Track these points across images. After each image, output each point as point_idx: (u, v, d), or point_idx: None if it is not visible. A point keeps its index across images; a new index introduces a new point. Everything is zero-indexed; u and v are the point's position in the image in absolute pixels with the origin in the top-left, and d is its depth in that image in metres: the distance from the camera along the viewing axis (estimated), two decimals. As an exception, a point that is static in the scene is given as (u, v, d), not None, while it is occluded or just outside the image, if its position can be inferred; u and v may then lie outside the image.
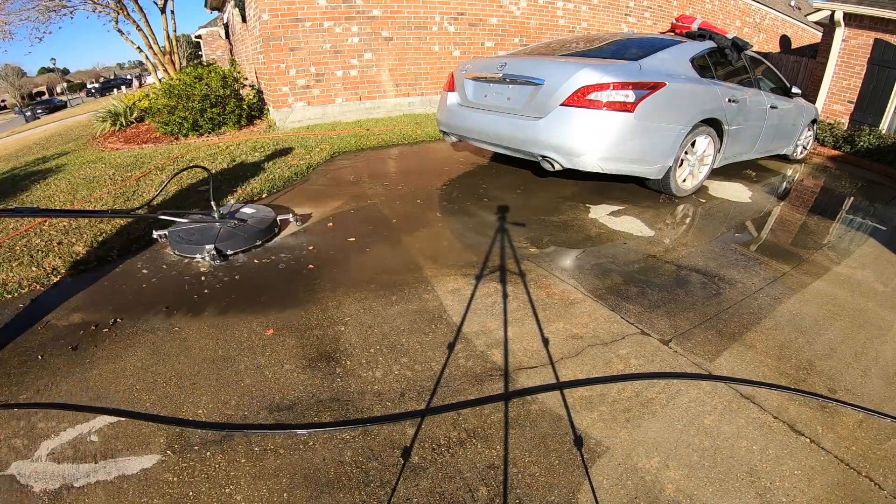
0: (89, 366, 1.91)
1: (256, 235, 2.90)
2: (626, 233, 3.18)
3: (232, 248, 2.79)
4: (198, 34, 20.89)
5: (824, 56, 8.31)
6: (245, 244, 2.84)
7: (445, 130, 4.32)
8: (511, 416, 1.65)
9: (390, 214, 3.44)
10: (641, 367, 1.90)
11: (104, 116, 8.39)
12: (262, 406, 1.70)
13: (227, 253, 2.77)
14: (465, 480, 1.42)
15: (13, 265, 2.75)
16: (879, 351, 2.08)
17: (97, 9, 10.26)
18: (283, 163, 4.71)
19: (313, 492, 1.38)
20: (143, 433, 1.58)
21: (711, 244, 3.08)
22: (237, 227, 2.87)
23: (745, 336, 2.13)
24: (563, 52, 4.03)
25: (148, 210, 3.29)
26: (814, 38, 13.76)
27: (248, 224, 2.93)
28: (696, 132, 3.67)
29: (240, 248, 2.82)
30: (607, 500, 1.37)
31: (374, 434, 1.58)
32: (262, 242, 2.93)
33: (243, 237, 2.83)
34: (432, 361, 1.92)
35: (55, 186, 4.63)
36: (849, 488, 1.42)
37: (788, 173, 5.29)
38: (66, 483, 1.41)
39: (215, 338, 2.07)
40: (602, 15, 9.44)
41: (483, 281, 2.52)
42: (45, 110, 30.89)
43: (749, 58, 4.41)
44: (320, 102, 6.97)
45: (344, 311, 2.26)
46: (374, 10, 6.90)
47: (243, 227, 2.88)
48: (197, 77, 6.81)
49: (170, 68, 10.26)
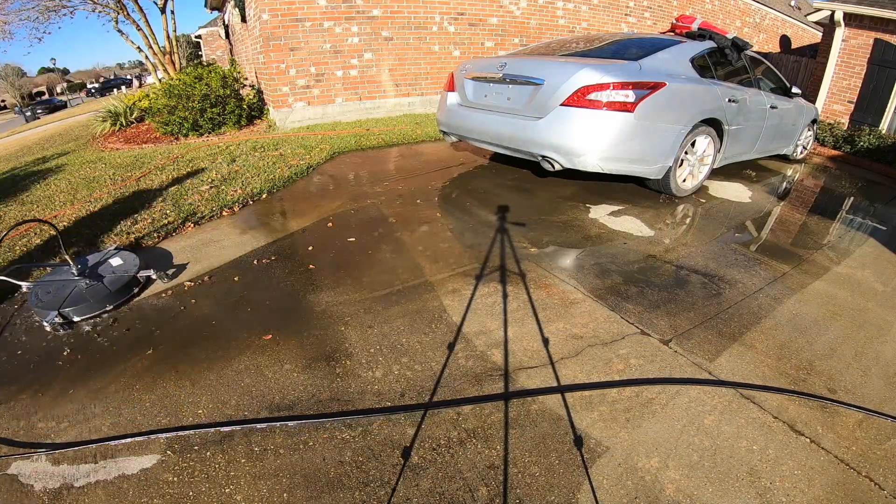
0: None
1: (106, 298, 2.31)
2: (626, 233, 3.18)
3: (80, 314, 2.23)
4: (198, 34, 20.89)
5: (824, 56, 8.31)
6: (93, 309, 2.27)
7: (445, 130, 4.32)
8: (511, 416, 1.65)
9: (389, 213, 3.44)
10: (641, 367, 1.90)
11: (104, 116, 8.39)
12: (261, 406, 1.70)
13: (73, 320, 2.22)
14: (465, 480, 1.42)
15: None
16: (879, 351, 2.08)
17: (97, 9, 10.25)
18: (283, 162, 4.71)
19: (313, 492, 1.38)
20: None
21: (711, 244, 3.08)
22: (91, 286, 2.33)
23: (745, 336, 2.13)
24: (563, 52, 4.03)
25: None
26: (814, 38, 13.76)
27: (103, 282, 2.37)
28: (696, 132, 3.66)
29: (88, 314, 2.25)
30: (607, 500, 1.37)
31: (374, 434, 1.58)
32: (115, 306, 2.33)
33: (92, 300, 2.27)
34: (432, 361, 1.92)
35: (55, 186, 4.63)
36: (849, 488, 1.42)
37: (788, 173, 5.29)
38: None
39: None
40: (602, 15, 9.44)
41: (483, 281, 2.52)
42: (45, 110, 30.89)
43: (749, 58, 4.41)
44: (320, 102, 6.96)
45: (344, 310, 2.26)
46: (374, 10, 6.90)
47: (95, 288, 2.33)
48: (197, 77, 6.81)
49: (170, 68, 10.26)
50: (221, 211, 3.54)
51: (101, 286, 2.34)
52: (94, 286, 2.34)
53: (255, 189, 3.93)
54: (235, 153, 5.21)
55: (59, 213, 3.66)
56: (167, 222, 3.32)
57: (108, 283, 2.37)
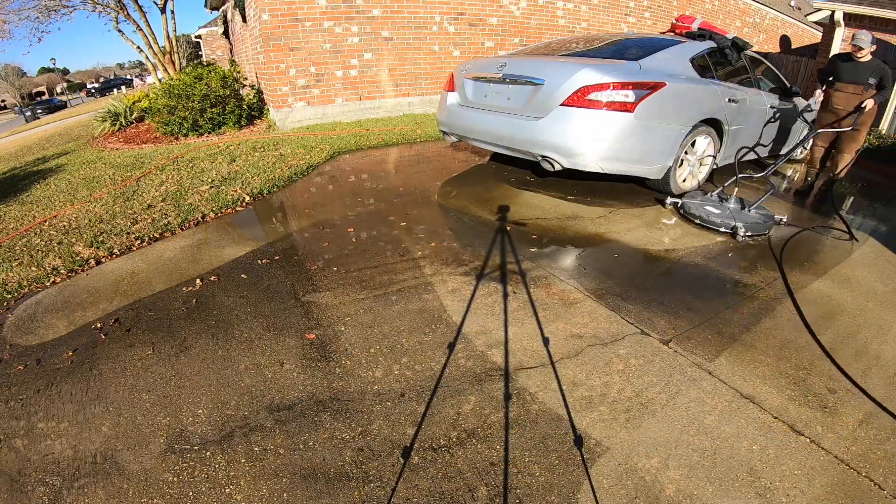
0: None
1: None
2: (626, 232, 3.18)
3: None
4: (198, 34, 20.86)
5: (824, 56, 8.30)
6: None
7: (445, 130, 4.32)
8: (511, 416, 1.65)
9: (389, 213, 3.44)
10: (641, 368, 1.90)
11: (104, 116, 8.39)
12: (261, 406, 1.70)
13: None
14: (465, 480, 1.42)
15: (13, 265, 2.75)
16: (879, 351, 2.08)
17: (97, 9, 10.25)
18: (283, 162, 4.71)
19: (313, 492, 1.38)
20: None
21: (711, 244, 3.08)
22: None
23: (745, 336, 2.13)
24: (563, 52, 4.03)
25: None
26: (814, 38, 13.75)
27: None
28: (696, 132, 3.66)
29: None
30: (607, 500, 1.37)
31: (374, 434, 1.57)
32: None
33: None
34: (432, 361, 1.92)
35: (55, 186, 4.63)
36: (849, 488, 1.42)
37: (788, 173, 5.28)
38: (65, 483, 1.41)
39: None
40: (602, 15, 9.43)
41: (483, 281, 2.52)
42: (45, 110, 30.89)
43: (749, 58, 4.41)
44: (320, 102, 6.96)
45: (344, 310, 2.26)
46: (374, 10, 6.90)
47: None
48: (197, 77, 6.81)
49: (170, 68, 10.26)
50: (221, 210, 3.54)
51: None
52: None
53: (255, 189, 3.93)
54: (235, 153, 5.21)
55: (59, 213, 3.66)
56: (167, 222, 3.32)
57: None
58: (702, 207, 3.42)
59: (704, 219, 3.33)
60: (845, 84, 3.98)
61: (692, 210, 3.42)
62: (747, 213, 3.36)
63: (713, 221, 3.28)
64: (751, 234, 3.19)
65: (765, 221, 3.28)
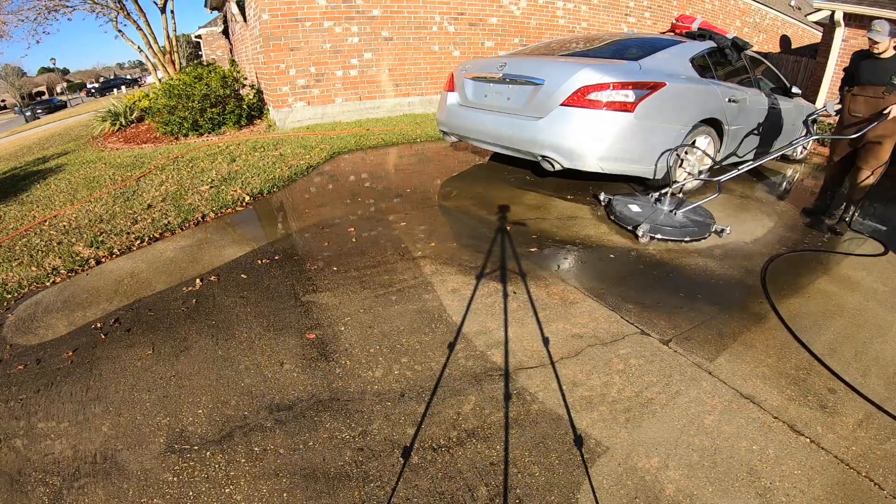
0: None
1: None
2: (626, 232, 3.17)
3: None
4: (198, 34, 20.86)
5: (824, 56, 8.31)
6: None
7: (445, 130, 4.32)
8: (511, 416, 1.65)
9: (389, 213, 3.44)
10: (641, 368, 1.90)
11: (104, 116, 8.39)
12: (262, 406, 1.70)
13: None
14: (465, 480, 1.42)
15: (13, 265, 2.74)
16: (879, 351, 2.08)
17: (97, 9, 10.25)
18: (283, 162, 4.71)
19: (313, 492, 1.38)
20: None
21: (711, 244, 3.08)
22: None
23: (745, 336, 2.13)
24: (563, 52, 4.03)
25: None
26: (814, 38, 13.75)
27: None
28: (695, 132, 3.66)
29: None
30: (607, 499, 1.37)
31: (374, 434, 1.57)
32: None
33: None
34: (432, 361, 1.91)
35: (55, 186, 4.63)
36: (849, 488, 1.42)
37: (788, 173, 5.28)
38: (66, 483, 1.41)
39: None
40: (602, 15, 9.43)
41: (483, 280, 2.52)
42: (45, 110, 30.89)
43: (749, 58, 4.41)
44: (320, 102, 6.96)
45: (344, 310, 2.26)
46: (374, 10, 6.89)
47: None
48: (197, 77, 6.80)
49: (170, 68, 10.26)
50: (221, 210, 3.54)
51: None
52: None
53: (254, 189, 3.93)
54: (235, 153, 5.21)
55: (59, 213, 3.66)
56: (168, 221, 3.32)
57: None
58: (625, 206, 3.31)
59: (618, 216, 3.23)
60: (863, 86, 3.26)
61: (615, 207, 3.32)
62: (671, 216, 3.16)
63: (624, 219, 3.18)
64: (660, 236, 3.01)
65: (697, 227, 3.07)
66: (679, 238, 3.03)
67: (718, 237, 3.11)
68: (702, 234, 3.07)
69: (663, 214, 3.20)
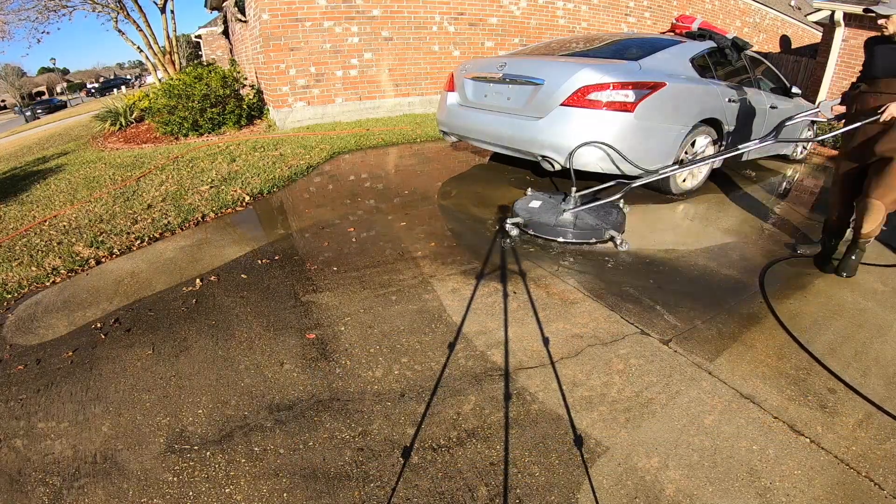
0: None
1: None
2: (626, 232, 3.17)
3: None
4: (198, 34, 20.86)
5: (824, 56, 8.31)
6: None
7: (445, 130, 4.32)
8: (511, 416, 1.65)
9: (389, 213, 3.44)
10: (641, 368, 1.90)
11: (104, 116, 8.39)
12: (261, 406, 1.70)
13: None
14: (465, 480, 1.42)
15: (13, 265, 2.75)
16: (879, 351, 2.08)
17: (97, 9, 10.25)
18: (283, 162, 4.71)
19: (313, 492, 1.38)
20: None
21: (710, 244, 3.08)
22: None
23: (745, 336, 2.13)
24: (563, 52, 4.03)
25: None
26: (814, 38, 13.75)
27: None
28: (696, 132, 3.66)
29: None
30: (607, 499, 1.37)
31: (374, 434, 1.57)
32: None
33: None
34: (432, 361, 1.92)
35: (55, 186, 4.63)
36: (849, 488, 1.42)
37: (788, 173, 5.28)
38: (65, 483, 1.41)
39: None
40: (602, 15, 9.43)
41: (483, 281, 2.52)
42: (45, 110, 30.90)
43: (749, 58, 4.41)
44: (320, 102, 6.96)
45: (344, 310, 2.26)
46: (374, 9, 6.90)
47: None
48: (197, 77, 6.81)
49: (170, 68, 10.26)
50: (221, 210, 3.54)
51: None
52: None
53: (254, 189, 3.93)
54: (235, 153, 5.21)
55: (59, 213, 3.66)
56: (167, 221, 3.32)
57: None
58: (525, 203, 3.31)
59: (514, 209, 3.24)
60: (875, 80, 2.44)
61: (516, 204, 3.32)
62: (559, 216, 3.05)
63: (516, 211, 3.18)
64: (533, 232, 3.03)
65: (590, 229, 2.97)
66: (553, 237, 3.00)
67: (615, 246, 2.95)
68: (586, 238, 2.97)
69: (556, 214, 3.11)
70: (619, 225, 3.08)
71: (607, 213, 3.19)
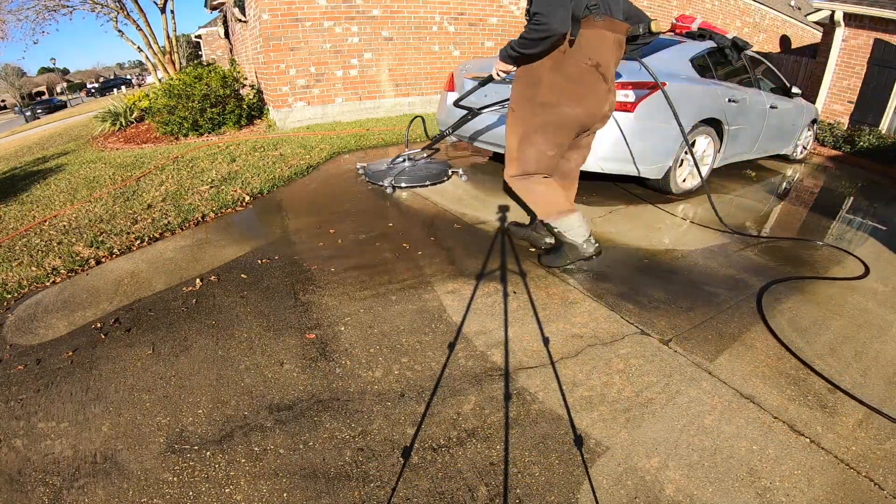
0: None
1: None
2: (626, 232, 3.18)
3: None
4: (198, 34, 20.88)
5: (824, 56, 8.31)
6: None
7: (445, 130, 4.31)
8: (511, 415, 1.65)
9: (389, 213, 3.44)
10: (641, 367, 1.90)
11: (104, 116, 8.39)
12: (261, 406, 1.70)
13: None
14: (465, 480, 1.42)
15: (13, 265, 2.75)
16: (879, 351, 2.08)
17: (96, 9, 10.25)
18: (283, 162, 4.71)
19: (313, 492, 1.38)
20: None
21: (711, 243, 3.08)
22: None
23: (745, 336, 2.13)
24: (563, 52, 4.02)
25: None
26: (814, 38, 13.75)
27: None
28: (695, 132, 3.66)
29: None
30: (607, 499, 1.37)
31: (374, 434, 1.57)
32: None
33: None
34: (432, 361, 1.91)
35: (55, 186, 4.63)
36: (849, 488, 1.42)
37: (788, 173, 5.29)
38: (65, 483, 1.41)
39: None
40: (602, 15, 9.42)
41: (483, 281, 2.52)
42: (45, 110, 30.90)
43: (749, 58, 4.41)
44: (320, 102, 6.96)
45: (344, 310, 2.26)
46: (374, 10, 6.89)
47: None
48: (197, 77, 6.80)
49: (170, 68, 10.25)
50: (221, 210, 3.54)
51: None
52: None
53: (255, 189, 3.93)
54: (235, 153, 5.21)
55: (59, 213, 3.66)
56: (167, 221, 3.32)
57: None
58: (377, 165, 4.21)
59: (369, 175, 4.10)
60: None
61: (367, 168, 4.20)
62: (400, 167, 4.06)
63: (373, 176, 4.05)
64: (368, 179, 4.02)
65: (420, 177, 3.93)
66: (381, 183, 3.82)
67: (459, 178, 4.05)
68: (439, 178, 3.96)
69: (397, 168, 4.01)
70: (448, 164, 4.20)
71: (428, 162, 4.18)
